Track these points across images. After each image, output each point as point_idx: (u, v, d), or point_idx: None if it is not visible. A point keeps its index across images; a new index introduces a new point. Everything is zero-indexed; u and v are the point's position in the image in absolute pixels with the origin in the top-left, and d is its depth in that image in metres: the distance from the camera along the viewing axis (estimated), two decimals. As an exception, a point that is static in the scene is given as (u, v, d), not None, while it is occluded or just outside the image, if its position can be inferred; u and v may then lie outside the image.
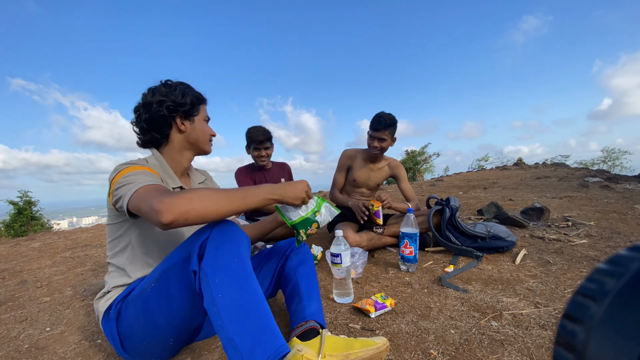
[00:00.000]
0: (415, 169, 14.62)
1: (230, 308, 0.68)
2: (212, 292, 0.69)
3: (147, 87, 0.98)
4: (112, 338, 0.88)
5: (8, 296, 1.53)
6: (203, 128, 1.03)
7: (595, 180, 4.97)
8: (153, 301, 0.80)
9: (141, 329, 0.82)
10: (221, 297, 0.68)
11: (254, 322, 0.67)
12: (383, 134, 1.89)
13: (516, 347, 0.90)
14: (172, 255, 0.81)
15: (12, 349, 1.06)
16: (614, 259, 0.15)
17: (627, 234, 2.01)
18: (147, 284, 0.82)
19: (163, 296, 0.79)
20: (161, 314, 0.80)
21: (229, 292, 0.69)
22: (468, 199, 3.99)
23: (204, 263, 0.72)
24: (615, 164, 18.10)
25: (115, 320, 0.86)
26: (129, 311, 0.84)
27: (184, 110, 0.97)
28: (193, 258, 0.73)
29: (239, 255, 0.74)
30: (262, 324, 0.67)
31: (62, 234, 3.09)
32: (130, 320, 0.83)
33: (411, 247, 1.50)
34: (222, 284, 0.69)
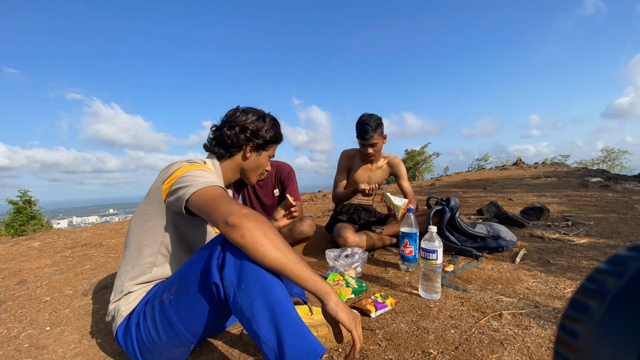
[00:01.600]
0: (415, 169, 14.62)
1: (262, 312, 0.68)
2: (241, 299, 0.69)
3: (245, 107, 1.05)
4: (128, 346, 0.85)
5: (8, 295, 1.53)
6: (263, 162, 1.09)
7: (595, 180, 4.97)
8: (173, 314, 0.78)
9: (161, 339, 0.81)
10: (250, 302, 0.69)
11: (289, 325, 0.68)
12: (373, 139, 1.84)
13: (516, 347, 0.90)
14: (190, 267, 0.80)
15: (12, 348, 1.06)
16: (614, 258, 0.15)
17: (627, 234, 2.01)
18: (166, 295, 0.80)
19: (183, 309, 0.78)
20: (182, 326, 0.79)
21: (258, 298, 0.69)
22: (468, 198, 3.99)
23: (227, 272, 0.72)
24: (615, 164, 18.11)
25: (135, 327, 0.84)
26: (148, 322, 0.82)
27: (259, 144, 1.04)
28: (213, 269, 0.73)
29: None
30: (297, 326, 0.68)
31: (62, 233, 3.09)
32: (149, 331, 0.81)
33: (411, 247, 1.50)
34: (249, 290, 0.69)
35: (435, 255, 1.20)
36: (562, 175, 6.40)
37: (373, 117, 1.85)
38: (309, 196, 5.33)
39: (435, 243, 1.21)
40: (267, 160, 1.10)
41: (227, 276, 0.71)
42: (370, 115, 1.86)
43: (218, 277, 0.73)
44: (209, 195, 0.76)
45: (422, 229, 1.83)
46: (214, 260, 0.74)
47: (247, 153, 1.03)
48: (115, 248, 2.36)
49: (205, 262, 0.76)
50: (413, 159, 14.83)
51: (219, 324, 0.87)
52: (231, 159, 1.04)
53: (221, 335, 1.06)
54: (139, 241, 0.91)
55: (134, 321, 0.84)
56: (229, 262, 0.72)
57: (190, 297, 0.77)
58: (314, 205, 4.22)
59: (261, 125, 1.02)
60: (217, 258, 0.74)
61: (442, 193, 4.87)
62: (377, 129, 1.84)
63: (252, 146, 1.03)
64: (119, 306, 0.89)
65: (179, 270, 0.84)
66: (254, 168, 1.07)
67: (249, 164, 1.06)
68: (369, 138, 1.83)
